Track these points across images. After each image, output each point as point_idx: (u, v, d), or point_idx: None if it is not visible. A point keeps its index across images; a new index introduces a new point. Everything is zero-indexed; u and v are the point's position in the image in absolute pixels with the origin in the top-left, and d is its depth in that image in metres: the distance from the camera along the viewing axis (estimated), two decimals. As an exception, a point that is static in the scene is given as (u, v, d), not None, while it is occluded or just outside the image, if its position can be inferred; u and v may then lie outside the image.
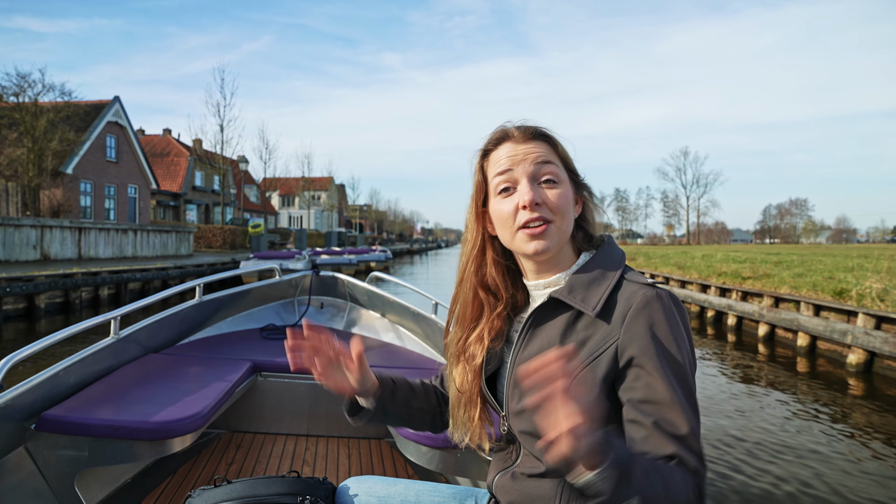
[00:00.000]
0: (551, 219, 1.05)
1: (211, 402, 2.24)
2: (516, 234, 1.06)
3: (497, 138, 1.12)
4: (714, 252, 21.51)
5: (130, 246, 19.89)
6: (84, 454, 1.98)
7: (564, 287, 1.06)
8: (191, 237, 23.95)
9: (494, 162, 1.11)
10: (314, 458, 2.90)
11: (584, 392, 0.76)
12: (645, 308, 0.97)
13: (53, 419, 1.98)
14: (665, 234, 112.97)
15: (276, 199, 66.97)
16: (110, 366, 2.59)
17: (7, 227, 14.98)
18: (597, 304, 1.01)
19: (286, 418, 3.17)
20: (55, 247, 16.42)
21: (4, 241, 14.87)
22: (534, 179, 1.06)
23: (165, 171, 39.91)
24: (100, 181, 29.12)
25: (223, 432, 3.15)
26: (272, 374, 3.11)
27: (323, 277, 4.14)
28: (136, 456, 1.99)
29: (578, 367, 0.99)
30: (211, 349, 3.22)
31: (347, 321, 4.10)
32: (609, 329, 1.00)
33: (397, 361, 3.20)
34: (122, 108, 30.38)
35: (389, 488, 1.25)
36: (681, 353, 0.96)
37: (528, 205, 1.04)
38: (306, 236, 34.60)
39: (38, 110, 24.23)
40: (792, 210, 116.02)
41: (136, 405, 2.14)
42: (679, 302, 1.01)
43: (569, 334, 1.04)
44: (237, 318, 3.92)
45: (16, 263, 14.69)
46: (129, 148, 31.16)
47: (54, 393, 2.15)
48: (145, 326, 2.90)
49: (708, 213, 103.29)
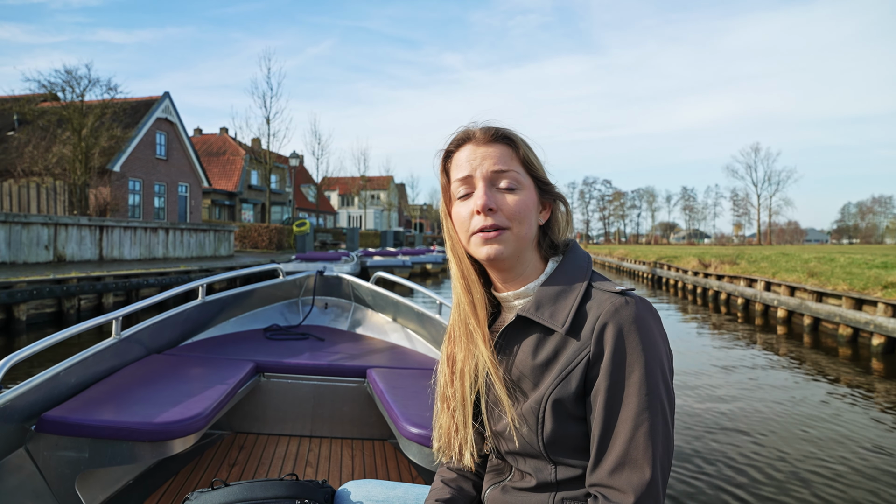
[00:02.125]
0: (507, 225, 1.00)
1: (213, 402, 2.18)
2: (471, 239, 1.03)
3: (459, 139, 1.07)
4: (830, 254, 17.83)
5: (161, 246, 17.93)
6: (85, 455, 1.93)
7: (532, 303, 1.02)
8: (231, 236, 21.91)
9: (455, 165, 1.07)
10: (317, 460, 2.82)
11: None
12: (613, 318, 0.93)
13: (54, 420, 1.93)
14: (733, 233, 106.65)
15: (336, 198, 65.78)
16: (112, 366, 2.54)
17: (13, 225, 13.11)
18: (565, 320, 0.97)
19: (289, 419, 3.08)
20: (71, 247, 14.52)
21: (10, 240, 13.00)
22: (491, 184, 1.02)
23: (221, 169, 38.69)
24: (149, 179, 27.78)
25: (225, 433, 3.08)
26: (275, 374, 3.01)
27: (327, 278, 4.09)
28: (138, 457, 1.94)
29: (552, 384, 0.96)
30: (214, 350, 3.14)
31: (352, 322, 4.03)
32: (579, 344, 0.96)
33: (402, 362, 3.08)
34: (171, 104, 28.98)
35: (389, 492, 1.23)
36: (652, 364, 0.92)
37: (481, 210, 1.00)
38: (358, 236, 32.32)
39: (85, 108, 23.04)
40: (875, 208, 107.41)
41: (137, 406, 2.10)
42: (651, 307, 0.97)
43: (540, 351, 1.00)
44: (240, 318, 3.83)
45: (24, 266, 12.81)
46: (179, 145, 29.77)
47: (55, 394, 2.10)
48: (147, 327, 2.84)
49: (780, 211, 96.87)
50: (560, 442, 0.97)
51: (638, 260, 27.90)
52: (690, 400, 5.62)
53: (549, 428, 0.96)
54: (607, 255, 38.48)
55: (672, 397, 0.94)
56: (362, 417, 3.08)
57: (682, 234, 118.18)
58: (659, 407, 0.91)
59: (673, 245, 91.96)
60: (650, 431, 0.89)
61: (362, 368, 2.96)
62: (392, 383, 2.58)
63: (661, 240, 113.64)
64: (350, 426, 3.08)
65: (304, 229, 23.89)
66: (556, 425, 0.96)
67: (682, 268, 18.51)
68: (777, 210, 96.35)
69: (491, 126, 1.05)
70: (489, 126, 1.05)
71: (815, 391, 6.15)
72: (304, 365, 2.98)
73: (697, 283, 16.53)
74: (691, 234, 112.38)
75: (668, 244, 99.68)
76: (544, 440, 0.97)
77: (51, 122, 24.49)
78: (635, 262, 28.12)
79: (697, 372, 6.92)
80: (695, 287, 16.93)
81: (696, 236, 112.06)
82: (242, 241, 27.54)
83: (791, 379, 6.73)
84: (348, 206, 65.37)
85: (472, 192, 1.03)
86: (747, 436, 4.55)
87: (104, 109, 23.96)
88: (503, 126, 1.05)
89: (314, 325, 3.93)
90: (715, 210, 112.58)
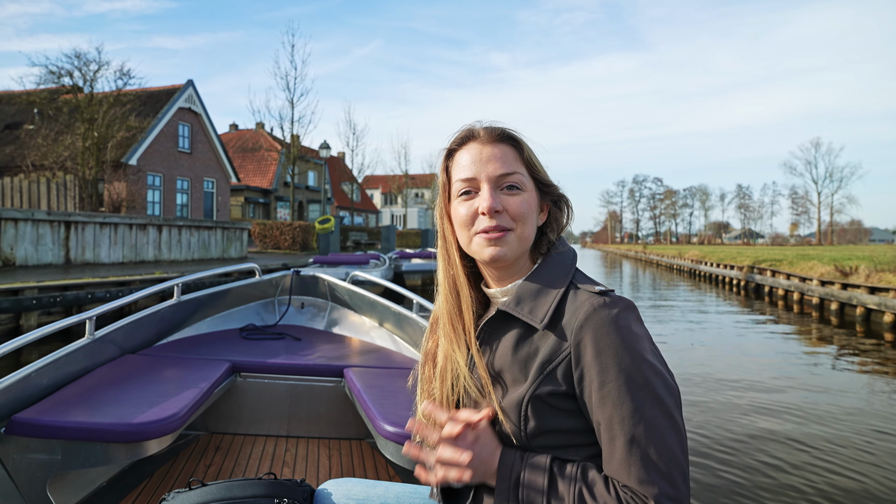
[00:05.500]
0: (511, 227, 0.99)
1: (189, 403, 2.12)
2: (473, 239, 1.01)
3: (462, 138, 1.05)
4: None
5: (151, 247, 14.61)
6: (57, 458, 1.86)
7: (512, 298, 1.01)
8: (244, 235, 18.46)
9: (458, 164, 1.04)
10: (294, 460, 2.74)
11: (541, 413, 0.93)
12: (593, 317, 0.91)
13: (24, 422, 1.85)
14: (789, 233, 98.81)
15: (378, 197, 62.62)
16: (85, 367, 2.44)
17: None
18: (544, 316, 0.96)
19: (266, 419, 2.99)
20: (24, 248, 11.30)
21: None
22: (496, 185, 1.00)
23: (256, 166, 35.78)
24: (170, 174, 24.86)
25: (201, 434, 2.98)
26: (251, 374, 2.94)
27: (303, 277, 3.99)
28: (112, 459, 1.88)
29: (533, 381, 0.94)
30: (189, 350, 3.06)
31: (328, 321, 3.94)
32: (559, 342, 0.94)
33: (379, 362, 3.03)
34: (195, 93, 26.00)
35: (369, 490, 1.19)
36: (638, 360, 0.89)
37: (487, 212, 0.98)
38: (395, 235, 28.64)
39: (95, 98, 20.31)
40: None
41: (111, 407, 2.02)
42: (631, 305, 0.94)
43: (520, 347, 0.98)
44: (216, 318, 3.72)
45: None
46: (204, 137, 26.79)
47: (25, 395, 2.01)
48: (121, 327, 2.75)
49: (843, 209, 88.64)
50: (543, 437, 0.95)
51: (722, 263, 22.25)
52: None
53: (532, 424, 0.94)
54: (676, 257, 32.67)
55: (672, 388, 0.90)
56: (339, 417, 2.99)
57: (735, 234, 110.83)
58: (656, 401, 0.88)
59: (730, 245, 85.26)
60: (651, 427, 0.86)
61: (339, 368, 2.88)
62: (369, 383, 2.52)
63: (714, 240, 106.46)
64: (327, 426, 3.00)
65: (328, 227, 20.15)
66: (538, 421, 0.94)
67: (801, 275, 13.97)
68: (839, 208, 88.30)
69: (496, 126, 1.03)
70: (494, 126, 1.03)
71: None
72: (281, 365, 2.90)
73: (831, 297, 12.02)
74: (745, 234, 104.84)
75: (723, 244, 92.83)
76: (527, 435, 0.94)
77: (61, 111, 21.99)
78: (718, 265, 22.74)
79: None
80: (822, 301, 12.46)
81: (750, 236, 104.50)
82: (263, 240, 24.24)
83: None
84: (391, 204, 62.09)
85: (473, 192, 1.01)
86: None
87: (118, 98, 21.24)
88: (507, 126, 1.04)
89: (291, 325, 3.83)
90: (772, 209, 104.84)
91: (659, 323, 11.09)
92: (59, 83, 20.99)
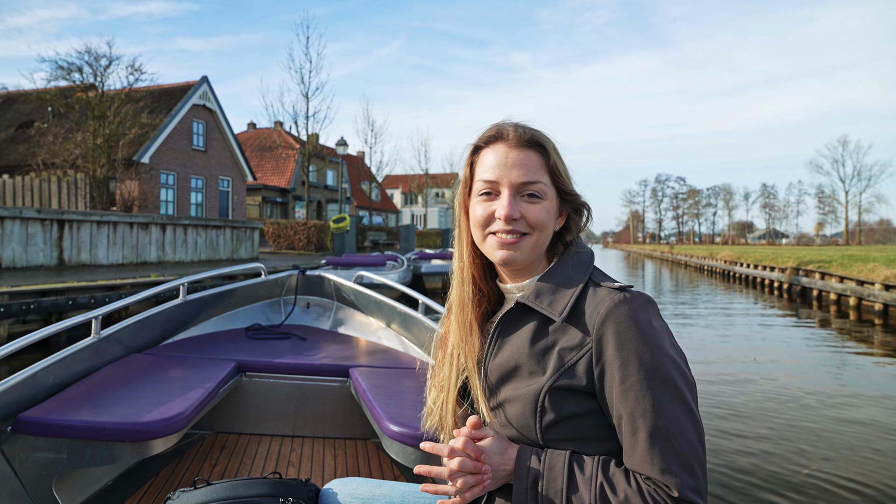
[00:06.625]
0: (527, 232, 0.99)
1: (194, 402, 2.09)
2: (487, 239, 1.01)
3: (490, 136, 1.02)
4: None
5: (154, 247, 13.58)
6: (63, 456, 1.84)
7: (531, 292, 1.00)
8: (255, 235, 17.38)
9: (482, 162, 1.02)
10: (299, 459, 2.72)
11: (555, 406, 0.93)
12: (614, 313, 0.90)
13: (30, 421, 1.83)
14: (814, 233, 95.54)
15: (399, 196, 61.54)
16: (91, 366, 2.42)
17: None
18: (563, 310, 0.95)
19: (271, 419, 2.97)
20: (12, 248, 10.30)
21: None
22: (516, 192, 0.99)
23: (274, 165, 34.88)
24: (184, 172, 23.99)
25: (207, 433, 2.96)
26: (257, 374, 2.91)
27: (309, 277, 3.96)
28: (117, 458, 1.86)
29: (552, 374, 0.94)
30: (195, 349, 3.03)
31: (334, 321, 3.90)
32: (580, 336, 0.93)
33: (384, 362, 2.98)
34: (210, 90, 25.09)
35: (374, 490, 1.18)
36: (659, 355, 0.89)
37: (504, 219, 0.98)
38: (415, 235, 27.42)
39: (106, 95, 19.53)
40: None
41: (117, 406, 2.00)
42: (650, 300, 0.93)
43: (538, 340, 0.98)
44: (222, 317, 3.68)
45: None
46: (219, 135, 25.89)
47: (32, 394, 1.99)
48: (127, 326, 2.72)
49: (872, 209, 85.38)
50: (555, 429, 0.94)
51: (761, 265, 20.21)
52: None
53: (547, 415, 0.94)
54: (706, 258, 30.65)
55: (690, 382, 0.91)
56: (345, 417, 2.96)
57: (759, 234, 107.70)
58: (677, 394, 0.88)
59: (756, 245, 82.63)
60: (673, 420, 0.86)
61: (345, 368, 2.85)
62: (375, 382, 2.50)
63: (738, 240, 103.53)
64: (332, 426, 2.97)
65: (343, 226, 18.95)
66: (554, 414, 0.93)
67: (858, 278, 12.44)
68: (868, 207, 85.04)
69: (526, 128, 1.01)
70: (524, 127, 1.01)
71: None
72: (287, 364, 2.87)
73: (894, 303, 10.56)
74: (770, 234, 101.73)
75: (747, 244, 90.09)
76: (542, 427, 0.94)
77: (73, 109, 21.23)
78: (757, 267, 20.62)
79: None
80: (886, 307, 10.98)
81: (775, 236, 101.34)
82: (277, 240, 23.20)
83: None
84: (412, 204, 60.95)
85: (494, 194, 1.00)
86: None
87: (130, 94, 20.40)
88: (537, 128, 1.01)
89: (296, 325, 3.80)
90: (798, 208, 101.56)
91: (707, 329, 9.70)
92: (70, 79, 20.20)
